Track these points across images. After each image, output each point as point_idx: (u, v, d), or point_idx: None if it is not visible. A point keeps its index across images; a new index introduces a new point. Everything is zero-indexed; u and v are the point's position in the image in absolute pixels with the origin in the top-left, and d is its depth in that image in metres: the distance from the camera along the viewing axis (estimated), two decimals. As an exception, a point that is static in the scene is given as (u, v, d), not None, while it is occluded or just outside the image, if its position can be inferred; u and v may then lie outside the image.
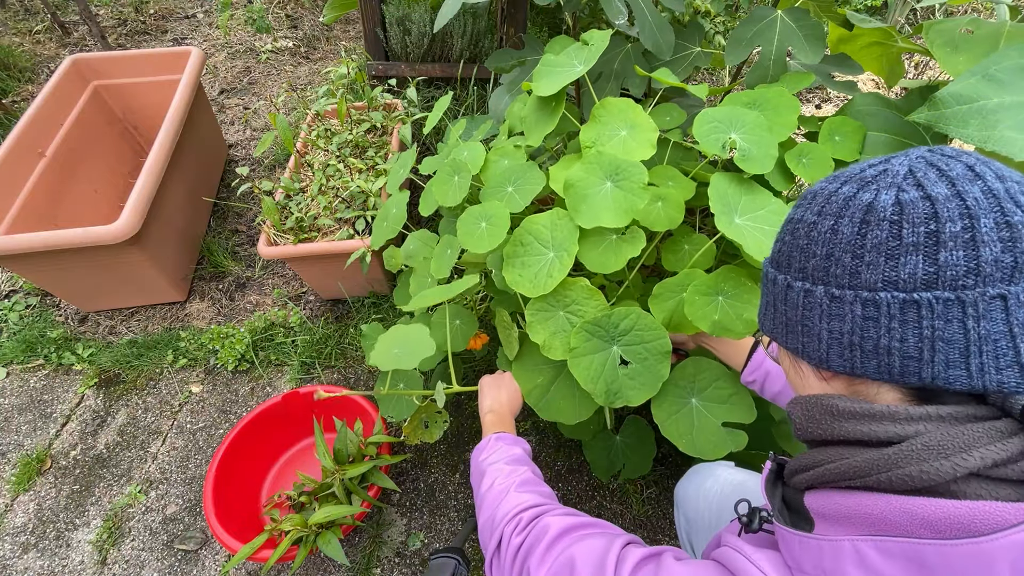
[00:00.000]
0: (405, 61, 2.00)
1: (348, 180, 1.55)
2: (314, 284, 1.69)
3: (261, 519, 1.27)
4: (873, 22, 1.16)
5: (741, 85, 1.29)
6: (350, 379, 1.60)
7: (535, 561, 0.58)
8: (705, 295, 0.88)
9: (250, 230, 1.98)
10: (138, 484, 1.40)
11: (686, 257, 1.04)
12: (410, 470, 1.41)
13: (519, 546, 0.62)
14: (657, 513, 1.33)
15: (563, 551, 0.56)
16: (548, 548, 0.58)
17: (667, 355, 0.85)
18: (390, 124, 1.75)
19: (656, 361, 0.85)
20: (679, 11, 1.41)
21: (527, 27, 1.75)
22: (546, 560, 0.57)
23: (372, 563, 1.26)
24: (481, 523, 0.73)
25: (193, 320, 1.75)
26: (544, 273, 0.90)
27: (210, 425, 1.51)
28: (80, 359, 1.64)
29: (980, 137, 0.78)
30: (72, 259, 1.45)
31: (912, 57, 2.52)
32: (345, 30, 2.92)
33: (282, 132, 1.48)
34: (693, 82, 2.31)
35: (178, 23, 2.94)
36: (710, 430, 0.88)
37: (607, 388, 0.86)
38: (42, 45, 2.73)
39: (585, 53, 1.00)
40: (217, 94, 2.53)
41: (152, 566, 1.27)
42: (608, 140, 0.97)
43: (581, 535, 0.58)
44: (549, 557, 0.57)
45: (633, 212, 0.87)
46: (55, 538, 1.32)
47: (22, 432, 1.51)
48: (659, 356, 0.85)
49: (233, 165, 2.20)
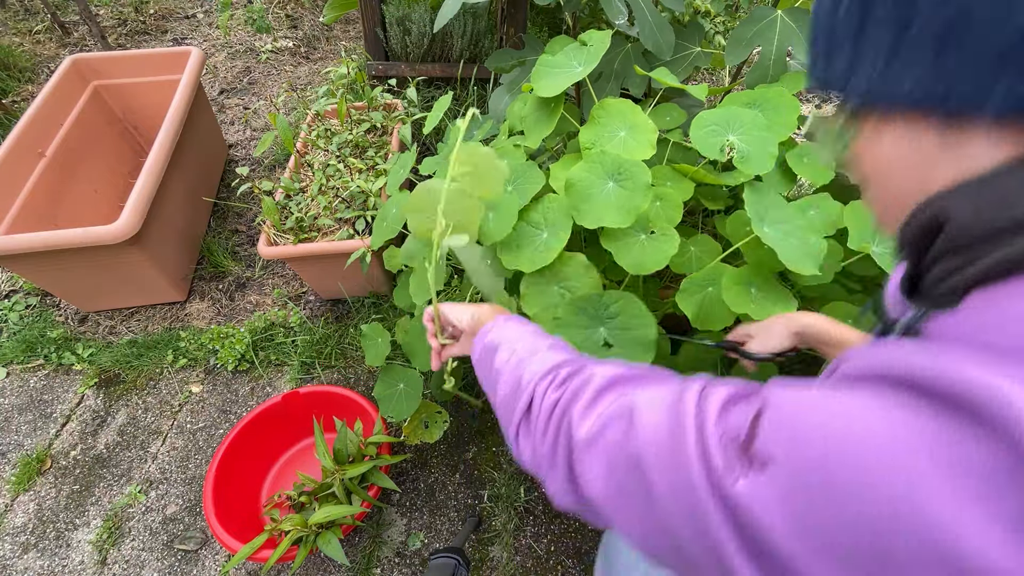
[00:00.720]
0: (405, 61, 2.00)
1: (348, 180, 1.55)
2: (314, 284, 1.69)
3: (261, 519, 1.27)
4: (873, 22, 1.16)
5: (741, 85, 1.29)
6: (350, 379, 1.60)
7: (578, 413, 0.42)
8: (741, 284, 0.91)
9: (250, 230, 1.98)
10: (138, 484, 1.40)
11: (693, 259, 1.05)
12: (410, 470, 1.41)
13: (556, 400, 0.46)
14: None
15: (618, 399, 0.40)
16: (596, 397, 0.42)
17: (650, 345, 0.85)
18: (390, 124, 1.75)
19: (641, 350, 0.85)
20: (679, 11, 1.41)
21: (527, 27, 1.75)
22: (593, 409, 0.41)
23: (372, 563, 1.26)
24: (501, 397, 0.54)
25: (193, 320, 1.75)
26: (542, 247, 0.91)
27: (210, 425, 1.51)
28: (80, 359, 1.64)
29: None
30: (72, 259, 1.45)
31: (912, 57, 2.52)
32: (345, 30, 2.92)
33: (282, 132, 1.48)
34: (693, 82, 2.31)
35: (178, 23, 2.94)
36: None
37: None
38: (42, 45, 2.73)
39: (585, 54, 1.00)
40: (217, 94, 2.53)
41: (152, 566, 1.27)
42: (607, 141, 0.97)
43: (641, 384, 0.42)
44: (599, 405, 0.41)
45: (636, 212, 0.87)
46: (55, 538, 1.32)
47: (22, 432, 1.51)
48: (643, 345, 0.85)
49: (233, 165, 2.20)
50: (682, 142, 1.16)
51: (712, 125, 0.96)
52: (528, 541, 1.29)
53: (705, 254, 1.04)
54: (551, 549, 1.28)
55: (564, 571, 1.25)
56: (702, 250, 1.05)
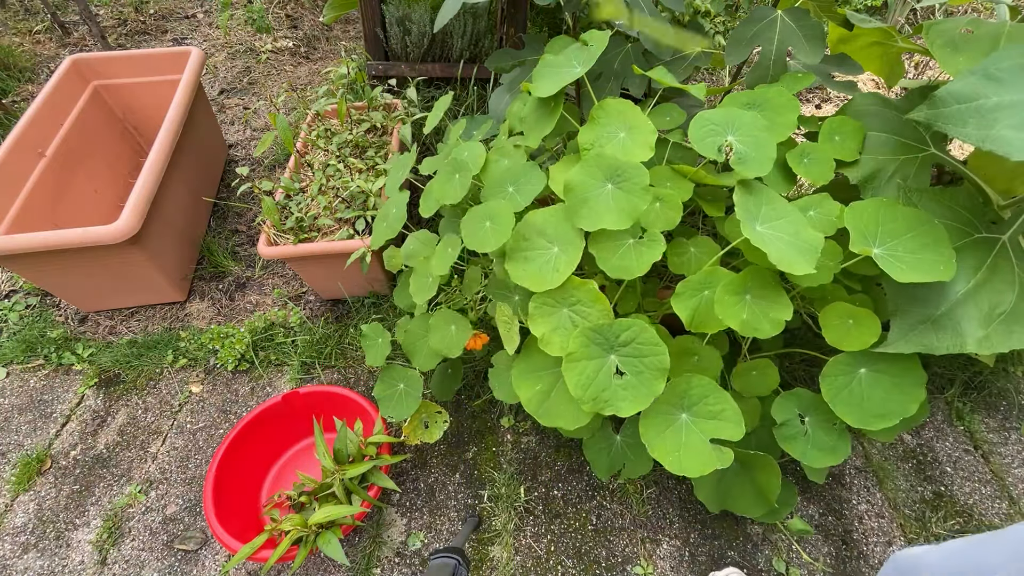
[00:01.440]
0: (405, 61, 2.00)
1: (348, 180, 1.55)
2: (314, 284, 1.69)
3: (261, 519, 1.27)
4: (873, 22, 1.16)
5: (741, 85, 1.29)
6: (350, 379, 1.60)
7: None
8: (734, 294, 0.89)
9: (250, 230, 1.98)
10: (138, 484, 1.40)
11: (692, 260, 1.05)
12: (410, 470, 1.41)
13: None
14: (657, 513, 1.33)
15: None
16: None
17: (663, 372, 0.84)
18: (390, 124, 1.75)
19: (651, 376, 0.85)
20: (679, 11, 1.41)
21: (527, 27, 1.75)
22: None
23: (372, 563, 1.26)
24: None
25: (193, 320, 1.75)
26: (550, 267, 0.90)
27: (210, 425, 1.51)
28: (80, 359, 1.64)
29: (978, 136, 0.77)
30: (72, 259, 1.45)
31: (912, 57, 2.52)
32: (345, 30, 2.92)
33: (282, 132, 1.48)
34: (693, 82, 2.31)
35: (178, 23, 2.94)
36: (697, 447, 0.88)
37: (596, 395, 0.86)
38: (42, 45, 2.74)
39: (584, 54, 1.00)
40: (217, 94, 2.53)
41: (152, 566, 1.27)
42: (607, 142, 0.97)
43: None
44: None
45: (635, 214, 0.87)
46: (55, 538, 1.32)
47: (22, 432, 1.51)
48: (655, 372, 0.85)
49: (233, 165, 2.20)
50: (682, 142, 1.16)
51: (711, 125, 0.96)
52: (528, 541, 1.29)
53: (704, 254, 1.04)
54: (551, 549, 1.28)
55: (564, 571, 1.25)
56: (701, 251, 1.05)
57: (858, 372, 0.96)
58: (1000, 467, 1.39)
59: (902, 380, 0.93)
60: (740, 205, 0.88)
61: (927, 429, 1.46)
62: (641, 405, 0.85)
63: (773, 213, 0.91)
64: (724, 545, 1.27)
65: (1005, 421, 1.47)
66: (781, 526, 1.29)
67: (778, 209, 0.91)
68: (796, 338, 1.35)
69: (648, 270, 0.89)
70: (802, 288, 1.01)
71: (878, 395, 0.94)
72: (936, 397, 1.51)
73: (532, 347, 1.00)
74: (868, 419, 0.93)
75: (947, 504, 1.33)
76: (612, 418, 1.23)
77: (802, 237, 0.88)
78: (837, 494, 1.35)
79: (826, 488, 1.36)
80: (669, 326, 1.08)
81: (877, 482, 1.36)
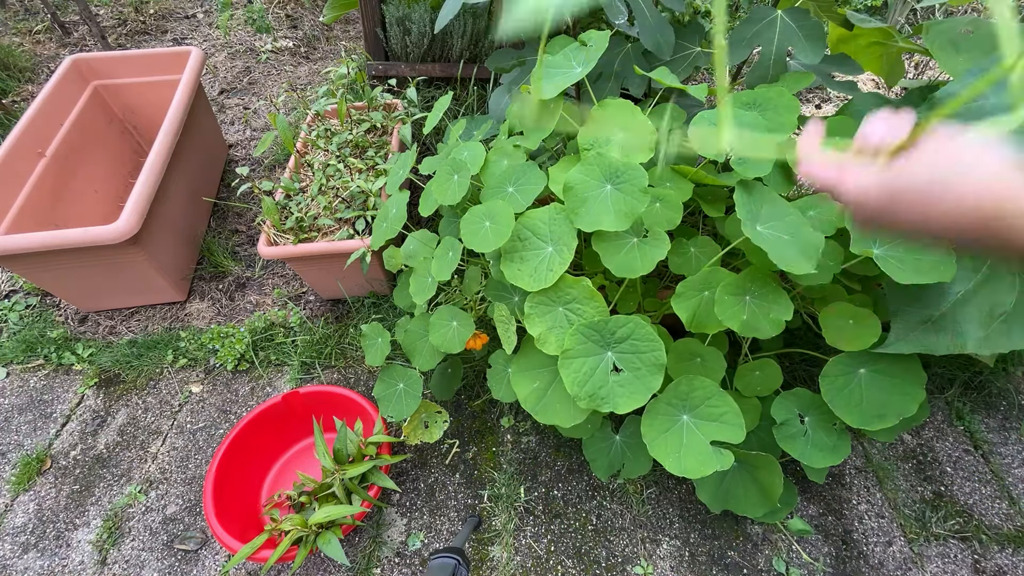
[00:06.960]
0: (405, 61, 2.00)
1: (348, 180, 1.55)
2: (314, 284, 1.69)
3: (261, 519, 1.27)
4: (873, 22, 1.16)
5: (741, 85, 1.29)
6: (350, 379, 1.60)
7: None
8: (734, 295, 0.89)
9: (250, 230, 1.98)
10: (138, 484, 1.40)
11: (692, 260, 1.05)
12: (410, 470, 1.41)
13: None
14: (657, 513, 1.33)
15: None
16: None
17: (661, 368, 0.84)
18: (390, 124, 1.75)
19: (648, 372, 0.85)
20: (679, 11, 1.41)
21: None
22: None
23: (372, 563, 1.26)
24: None
25: (193, 320, 1.75)
26: (544, 267, 0.90)
27: (210, 425, 1.51)
28: (80, 359, 1.64)
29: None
30: (72, 259, 1.45)
31: (912, 57, 2.52)
32: (345, 30, 2.92)
33: (282, 132, 1.48)
34: (693, 82, 2.31)
35: (178, 23, 2.94)
36: (698, 449, 0.88)
37: (593, 392, 0.86)
38: (42, 45, 2.74)
39: (584, 54, 1.00)
40: (217, 94, 2.53)
41: (152, 566, 1.27)
42: (606, 143, 0.97)
43: None
44: None
45: (634, 215, 0.87)
46: (55, 538, 1.32)
47: (22, 432, 1.51)
48: (652, 368, 0.85)
49: (233, 165, 2.20)
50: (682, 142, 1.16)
51: (711, 125, 0.96)
52: (528, 541, 1.29)
53: (705, 255, 1.04)
54: (551, 549, 1.28)
55: (564, 571, 1.25)
56: (702, 251, 1.05)
57: (858, 372, 0.96)
58: (1000, 467, 1.39)
59: (902, 380, 0.93)
60: (740, 205, 0.88)
61: (927, 429, 1.46)
62: (638, 402, 0.85)
63: (773, 213, 0.91)
64: (724, 545, 1.28)
65: (1005, 421, 1.47)
66: (781, 526, 1.29)
67: (778, 209, 0.91)
68: (796, 338, 1.35)
69: (653, 269, 0.89)
70: (802, 288, 1.01)
71: (878, 395, 0.94)
72: (936, 397, 1.51)
73: (530, 346, 1.00)
74: (868, 419, 0.93)
75: (947, 504, 1.33)
76: (611, 417, 1.24)
77: (802, 237, 0.88)
78: (837, 494, 1.35)
79: (826, 488, 1.36)
80: (669, 327, 1.08)
81: (877, 482, 1.36)
